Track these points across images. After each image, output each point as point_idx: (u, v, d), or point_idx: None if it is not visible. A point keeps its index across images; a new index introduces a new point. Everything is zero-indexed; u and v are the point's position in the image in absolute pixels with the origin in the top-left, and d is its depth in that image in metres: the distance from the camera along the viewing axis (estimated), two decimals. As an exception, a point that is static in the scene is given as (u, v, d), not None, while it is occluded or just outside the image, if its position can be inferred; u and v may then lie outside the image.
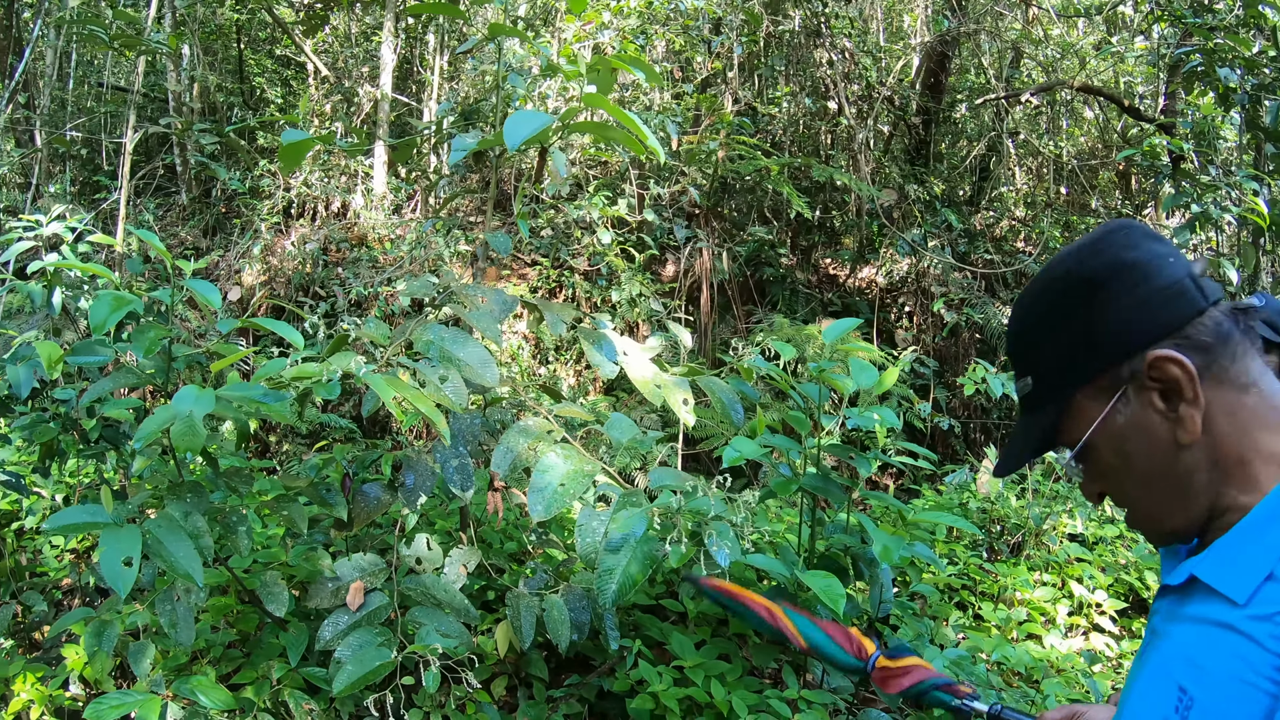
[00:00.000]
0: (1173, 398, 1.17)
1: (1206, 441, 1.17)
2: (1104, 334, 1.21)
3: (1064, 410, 1.28)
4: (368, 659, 3.01)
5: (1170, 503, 1.21)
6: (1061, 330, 1.26)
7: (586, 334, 3.55)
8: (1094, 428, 1.23)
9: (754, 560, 3.47)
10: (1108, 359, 1.21)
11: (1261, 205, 6.95)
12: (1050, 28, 12.08)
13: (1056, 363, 1.27)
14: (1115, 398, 1.21)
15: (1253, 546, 1.11)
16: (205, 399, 2.43)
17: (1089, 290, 1.23)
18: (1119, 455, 1.23)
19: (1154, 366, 1.17)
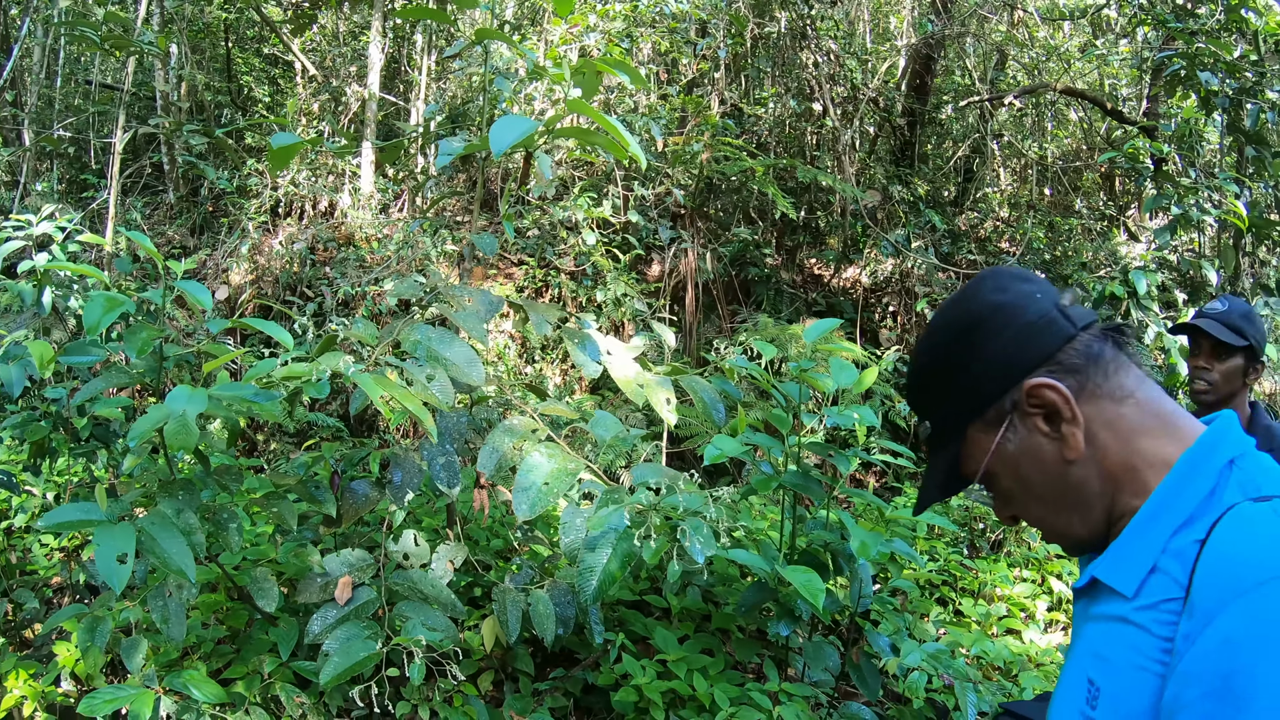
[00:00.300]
0: (1055, 420, 1.27)
1: (1092, 455, 1.27)
2: (982, 373, 1.31)
3: (961, 445, 1.37)
4: (355, 651, 3.06)
5: (1070, 516, 1.31)
6: (945, 375, 1.36)
7: (571, 333, 3.61)
8: (989, 457, 1.33)
9: (735, 555, 3.53)
10: (989, 395, 1.31)
11: (1240, 208, 7.04)
12: (1035, 30, 12.17)
13: (946, 405, 1.37)
14: (1003, 428, 1.31)
15: (1138, 543, 1.21)
16: (198, 398, 2.48)
17: (963, 336, 1.33)
18: (1016, 479, 1.33)
19: (1031, 394, 1.27)
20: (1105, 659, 1.20)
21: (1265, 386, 10.05)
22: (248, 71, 12.19)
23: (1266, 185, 7.95)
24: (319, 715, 3.55)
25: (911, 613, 4.93)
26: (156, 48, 8.13)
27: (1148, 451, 1.25)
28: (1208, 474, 1.20)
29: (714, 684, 3.69)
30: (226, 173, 10.49)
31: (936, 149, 12.69)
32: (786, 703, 3.54)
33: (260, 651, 3.67)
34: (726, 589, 4.50)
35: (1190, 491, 1.20)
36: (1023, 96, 11.64)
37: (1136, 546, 1.22)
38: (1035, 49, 12.23)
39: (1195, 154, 8.33)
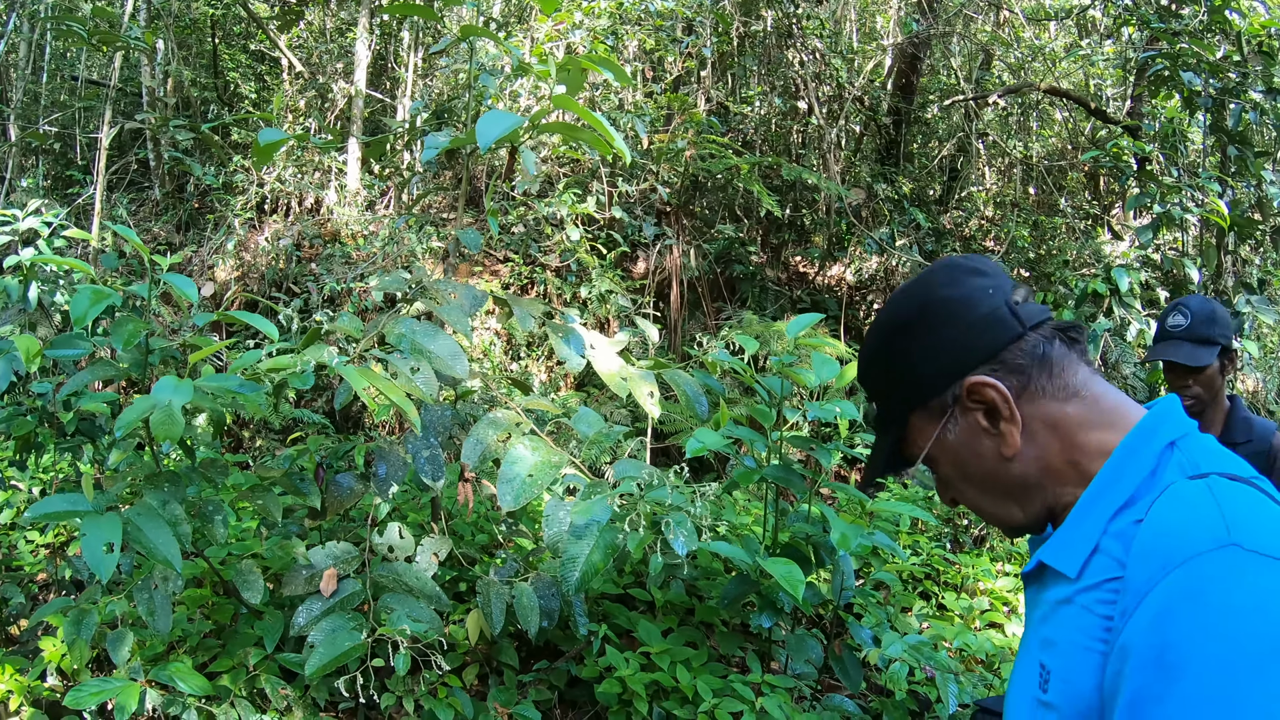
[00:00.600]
0: (994, 417, 1.30)
1: (1032, 452, 1.30)
2: (925, 366, 1.35)
3: (905, 430, 1.41)
4: (340, 642, 3.08)
5: (1007, 504, 1.35)
6: (891, 365, 1.39)
7: (555, 328, 3.63)
8: (929, 444, 1.37)
9: (718, 548, 3.56)
10: (931, 387, 1.35)
11: (1222, 206, 7.09)
12: (1020, 31, 12.23)
13: (890, 391, 1.41)
14: (945, 419, 1.34)
15: (1080, 527, 1.24)
16: (184, 389, 2.50)
17: (909, 329, 1.36)
18: (955, 467, 1.37)
19: (971, 391, 1.30)
20: (1053, 642, 1.23)
21: (1248, 385, 10.13)
22: (234, 68, 12.18)
23: (1249, 184, 8.01)
24: (304, 707, 3.57)
25: (894, 606, 4.97)
26: (143, 43, 8.11)
27: (1089, 444, 1.28)
28: (1147, 457, 1.23)
29: (697, 676, 3.72)
30: (213, 169, 10.48)
31: (922, 148, 12.75)
32: (769, 694, 3.58)
33: (245, 645, 3.68)
34: (710, 583, 4.53)
35: (1129, 474, 1.22)
36: (1007, 96, 11.70)
37: (1079, 530, 1.24)
38: (1020, 49, 12.28)
39: (1178, 154, 8.39)
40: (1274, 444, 3.35)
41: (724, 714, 3.48)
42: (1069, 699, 1.17)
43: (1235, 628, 0.98)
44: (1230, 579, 1.01)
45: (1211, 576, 1.02)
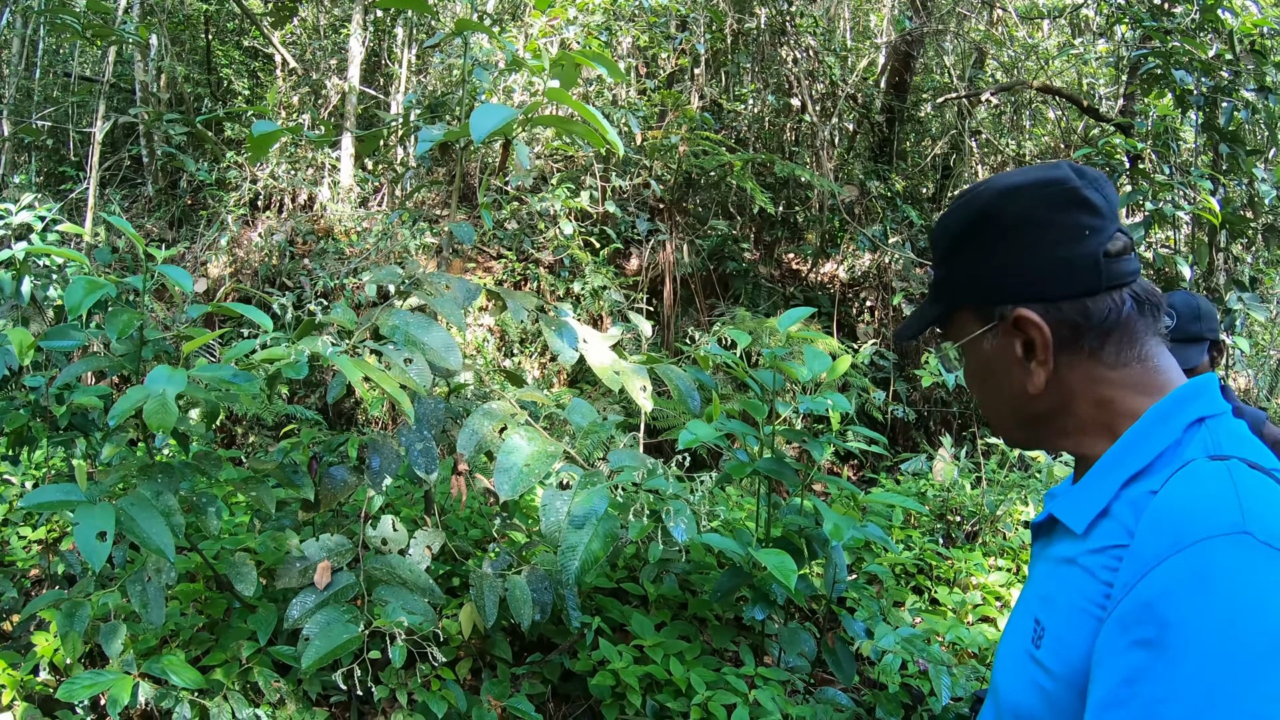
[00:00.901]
0: (1029, 353, 1.30)
1: (1057, 399, 1.30)
2: (994, 274, 1.32)
3: (950, 315, 1.41)
4: (335, 635, 3.08)
5: (1013, 422, 1.39)
6: (964, 253, 1.36)
7: (548, 321, 3.64)
8: (965, 340, 1.38)
9: (710, 540, 3.57)
10: (988, 294, 1.33)
11: (1214, 204, 7.11)
12: (1014, 29, 12.25)
13: (952, 276, 1.39)
14: (987, 328, 1.34)
15: (1095, 486, 1.24)
16: (178, 378, 2.50)
17: (1000, 229, 1.32)
18: (982, 370, 1.38)
19: (1018, 321, 1.29)
20: (1050, 600, 1.23)
21: (1240, 382, 10.18)
22: (227, 64, 12.16)
23: (1240, 182, 8.04)
24: (297, 700, 3.57)
25: (887, 600, 4.98)
26: (138, 37, 8.11)
27: (1123, 405, 1.27)
28: (1173, 428, 1.22)
29: (690, 669, 3.73)
30: (206, 164, 10.47)
31: (915, 146, 12.77)
32: (762, 687, 3.59)
33: (239, 638, 3.68)
34: (703, 577, 4.54)
35: (1152, 442, 1.22)
36: (1000, 94, 11.72)
37: (1093, 489, 1.24)
38: (1014, 48, 12.31)
39: (1170, 151, 8.41)
40: (1264, 432, 3.38)
41: (717, 706, 3.49)
42: (1060, 658, 1.17)
43: (1239, 619, 0.96)
44: (1238, 568, 0.99)
45: (1220, 563, 1.00)
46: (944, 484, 6.58)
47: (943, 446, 7.43)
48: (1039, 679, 1.18)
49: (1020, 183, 1.32)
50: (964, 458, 7.18)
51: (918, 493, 6.50)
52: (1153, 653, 1.00)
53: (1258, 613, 0.96)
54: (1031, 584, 1.34)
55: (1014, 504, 5.93)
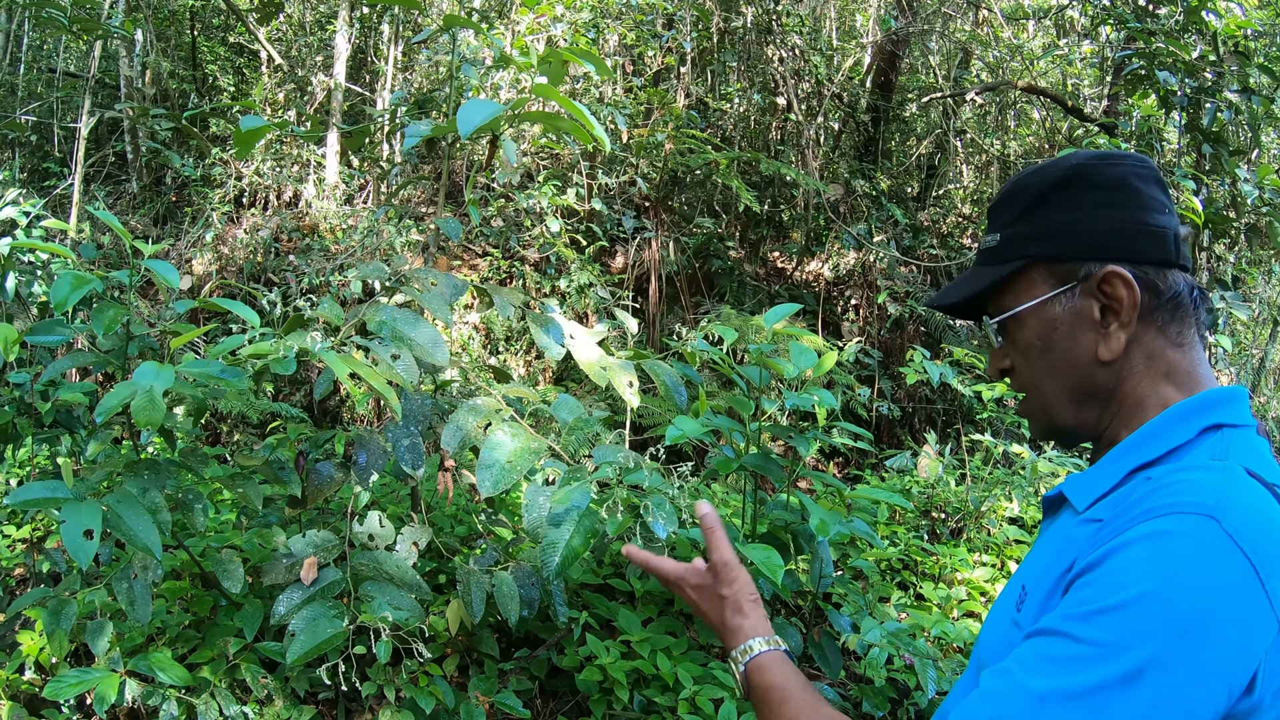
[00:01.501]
0: (1109, 316, 1.29)
1: (1119, 369, 1.30)
2: (1086, 229, 1.30)
3: (1015, 275, 1.36)
4: (321, 630, 3.08)
5: (1066, 400, 1.35)
6: (1052, 207, 1.33)
7: (534, 317, 3.65)
8: (1031, 304, 1.33)
9: (696, 535, 3.58)
10: (1072, 249, 1.31)
11: (1196, 204, 7.16)
12: (1000, 30, 12.30)
13: (1032, 231, 1.35)
14: (1063, 288, 1.31)
15: (1108, 469, 1.27)
16: (165, 374, 2.50)
17: (1092, 186, 1.31)
18: (1042, 339, 1.34)
19: (1106, 280, 1.27)
20: (1037, 566, 1.27)
21: (1222, 380, 10.23)
22: (213, 60, 12.12)
23: (1223, 183, 8.09)
24: (284, 697, 3.58)
25: (872, 595, 5.00)
26: (123, 32, 8.08)
27: (1160, 393, 1.29)
28: (1188, 429, 1.24)
29: (677, 664, 3.74)
30: (191, 160, 10.44)
31: (900, 145, 12.82)
32: (749, 681, 3.60)
33: (226, 635, 3.68)
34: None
35: (1166, 438, 1.24)
36: (985, 94, 11.77)
37: (1104, 473, 1.27)
38: (999, 48, 12.36)
39: (1154, 151, 8.46)
40: None
41: (705, 701, 3.50)
42: (1030, 621, 1.20)
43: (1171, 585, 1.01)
44: (1192, 542, 1.04)
45: (1178, 532, 1.05)
46: (929, 480, 6.61)
47: (927, 443, 7.46)
48: (1015, 641, 1.20)
49: (1112, 153, 1.34)
50: (948, 454, 7.21)
51: (903, 489, 6.53)
52: (1087, 590, 1.06)
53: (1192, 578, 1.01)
54: (1025, 560, 1.36)
55: (998, 500, 5.96)
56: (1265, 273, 10.64)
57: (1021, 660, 1.08)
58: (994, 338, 1.42)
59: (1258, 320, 10.93)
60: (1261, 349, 11.06)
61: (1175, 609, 1.00)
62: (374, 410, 8.34)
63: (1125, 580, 1.04)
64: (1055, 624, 1.07)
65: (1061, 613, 1.08)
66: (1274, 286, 10.98)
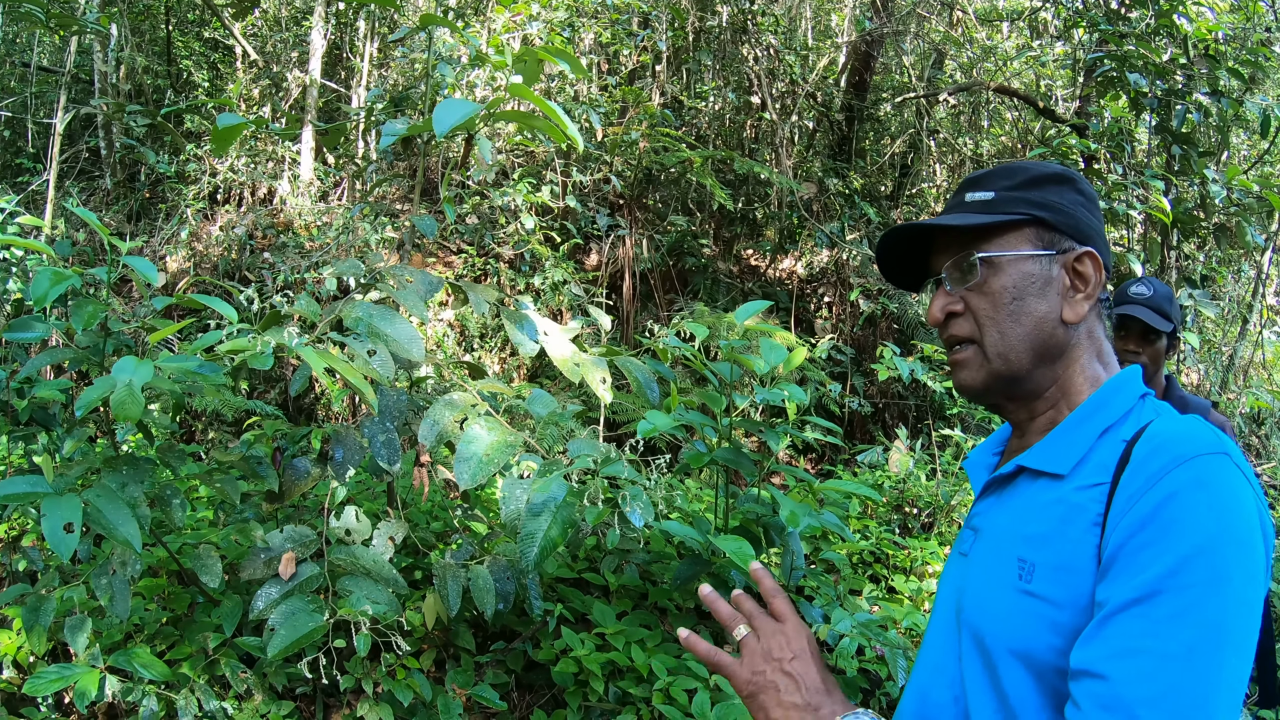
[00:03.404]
0: (1074, 291, 1.46)
1: (1073, 337, 1.47)
2: (1075, 216, 1.48)
3: (1011, 225, 1.49)
4: (300, 624, 3.11)
5: (1026, 349, 1.47)
6: (1051, 190, 1.50)
7: (509, 314, 3.68)
8: (1011, 255, 1.47)
9: (670, 527, 3.63)
10: (1062, 224, 1.47)
11: (1165, 203, 7.26)
12: (974, 32, 12.40)
13: (1034, 198, 1.49)
14: (1046, 252, 1.46)
15: (1070, 437, 1.41)
16: (144, 368, 2.53)
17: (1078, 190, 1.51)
18: (1017, 289, 1.46)
19: (1082, 259, 1.46)
20: (1036, 537, 1.36)
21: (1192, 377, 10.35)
22: (188, 56, 12.08)
23: (1192, 183, 8.20)
24: (263, 691, 3.60)
25: (844, 587, 5.07)
26: (99, 26, 8.04)
27: (1092, 371, 1.47)
28: (1127, 397, 1.43)
29: (652, 656, 3.79)
30: (165, 156, 10.40)
31: (874, 144, 12.90)
32: (721, 672, 3.65)
33: (204, 631, 3.70)
34: (664, 567, 4.61)
35: (1117, 403, 1.42)
36: (958, 94, 11.87)
37: (1069, 440, 1.41)
38: (973, 49, 12.46)
39: (1124, 152, 8.56)
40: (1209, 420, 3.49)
41: (679, 691, 3.55)
42: (1057, 586, 1.30)
43: (1228, 515, 1.19)
44: (1226, 479, 1.22)
45: (1213, 474, 1.22)
46: (900, 475, 6.68)
47: (898, 439, 7.54)
48: (1041, 610, 1.30)
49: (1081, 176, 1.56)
50: (919, 450, 7.29)
51: (875, 484, 6.60)
52: (1160, 536, 1.20)
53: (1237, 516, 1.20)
54: (995, 533, 1.46)
55: (968, 494, 6.04)
56: (1234, 272, 10.77)
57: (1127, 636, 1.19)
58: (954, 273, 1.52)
59: (1227, 318, 11.06)
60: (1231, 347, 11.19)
61: (1236, 537, 1.19)
62: (349, 407, 8.35)
63: (1189, 526, 1.19)
64: (1141, 589, 1.19)
65: (1139, 576, 1.20)
66: (1243, 285, 11.11)
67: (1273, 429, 10.62)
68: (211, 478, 3.46)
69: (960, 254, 1.51)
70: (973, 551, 1.50)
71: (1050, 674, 1.29)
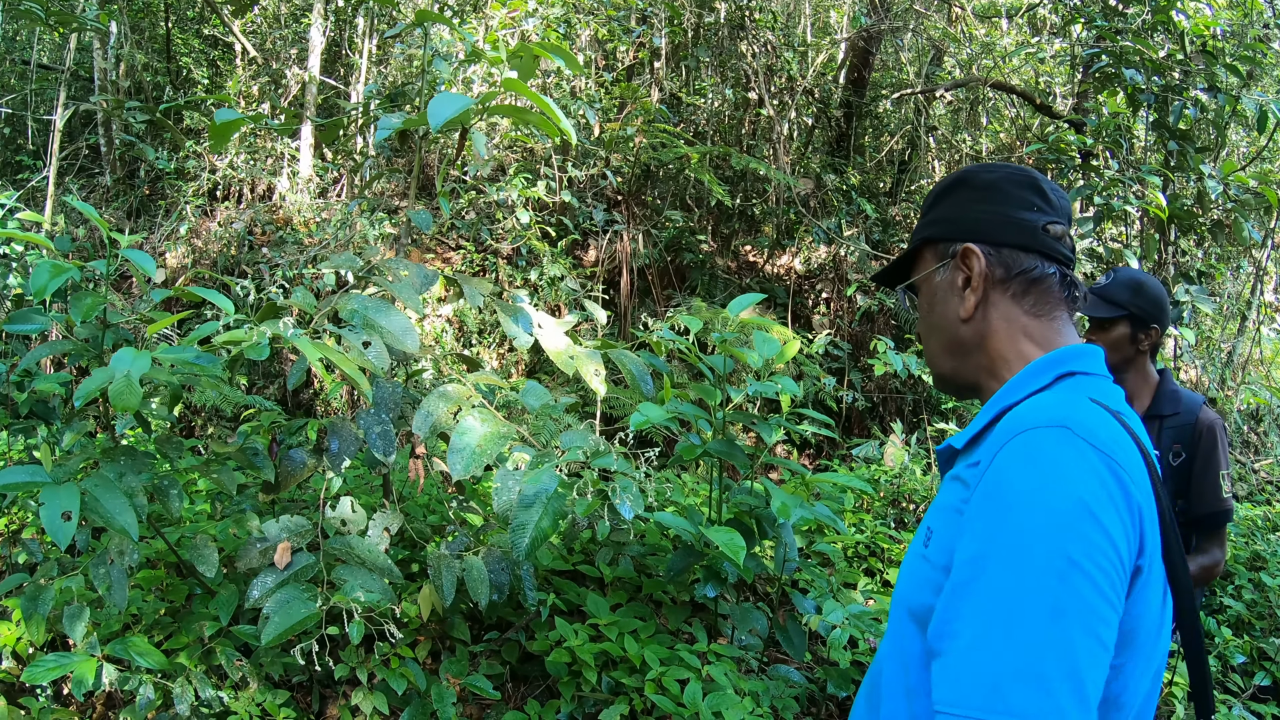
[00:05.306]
0: (966, 285, 1.58)
1: (980, 328, 1.58)
2: (959, 217, 1.62)
3: (914, 254, 1.72)
4: (294, 612, 3.14)
5: (942, 352, 1.65)
6: (943, 203, 1.67)
7: (504, 307, 3.71)
8: (921, 275, 1.68)
9: (663, 519, 3.66)
10: (948, 233, 1.62)
11: (1162, 199, 7.28)
12: (973, 28, 12.41)
13: (927, 220, 1.68)
14: (941, 263, 1.63)
15: (981, 416, 1.51)
16: (142, 359, 2.56)
17: (967, 188, 1.64)
18: (929, 303, 1.67)
19: (963, 254, 1.58)
20: (937, 508, 1.47)
21: (1191, 374, 10.37)
22: (187, 53, 12.10)
23: (1190, 179, 8.21)
24: (259, 680, 3.63)
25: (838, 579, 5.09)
26: (99, 24, 8.07)
27: (1021, 350, 1.55)
28: (1045, 376, 1.48)
29: (645, 647, 3.81)
30: (165, 153, 10.42)
31: (873, 141, 12.92)
32: (715, 663, 3.68)
33: (201, 621, 3.72)
34: (657, 559, 4.63)
35: (1025, 386, 1.49)
36: (955, 90, 11.88)
37: (978, 420, 1.51)
38: (972, 46, 12.47)
39: (1121, 148, 8.57)
40: (1199, 418, 3.54)
41: (671, 682, 3.58)
42: (940, 553, 1.37)
43: (1047, 484, 1.22)
44: (1054, 448, 1.26)
45: (1039, 442, 1.27)
46: (895, 469, 6.70)
47: (894, 433, 7.57)
48: (928, 574, 1.39)
49: (996, 164, 1.66)
50: (915, 444, 7.31)
51: (870, 478, 6.62)
52: (989, 503, 1.27)
53: (1060, 481, 1.22)
54: (934, 502, 1.54)
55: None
56: (1233, 268, 10.80)
57: (946, 611, 1.26)
58: (905, 304, 1.75)
59: (1225, 315, 11.08)
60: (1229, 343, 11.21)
61: (1056, 503, 1.21)
62: (347, 402, 8.39)
63: (1002, 499, 1.25)
64: (961, 564, 1.26)
65: (963, 551, 1.27)
66: (1241, 282, 11.14)
67: (1271, 425, 10.65)
68: (208, 468, 3.48)
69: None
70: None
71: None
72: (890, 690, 1.46)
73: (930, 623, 1.30)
